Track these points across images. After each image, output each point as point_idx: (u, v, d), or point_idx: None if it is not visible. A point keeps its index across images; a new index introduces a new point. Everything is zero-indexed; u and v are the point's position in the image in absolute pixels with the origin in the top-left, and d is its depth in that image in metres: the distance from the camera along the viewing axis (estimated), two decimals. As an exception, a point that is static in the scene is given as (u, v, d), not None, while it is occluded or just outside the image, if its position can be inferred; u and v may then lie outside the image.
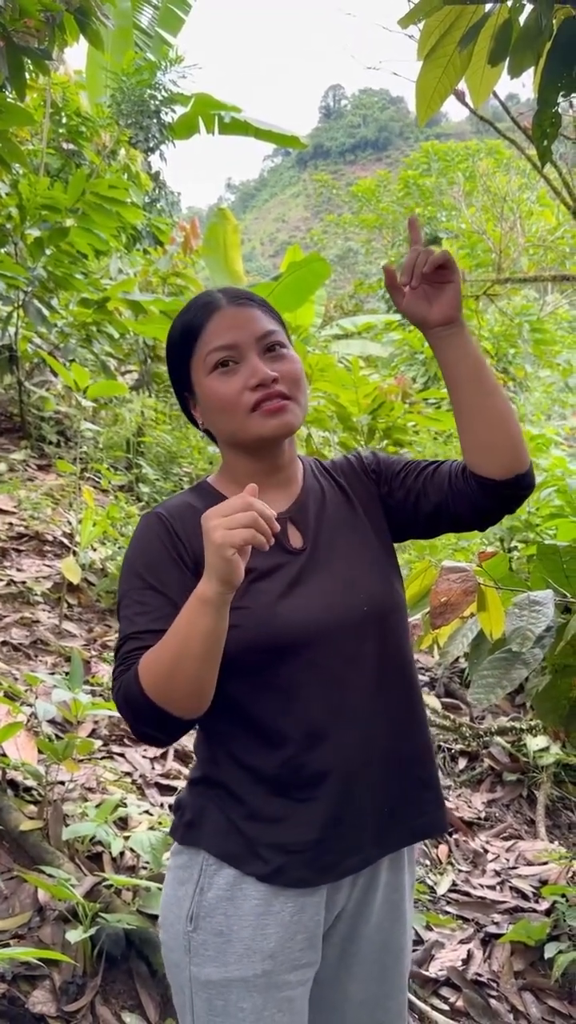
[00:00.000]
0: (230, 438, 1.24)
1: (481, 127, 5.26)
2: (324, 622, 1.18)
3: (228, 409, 1.20)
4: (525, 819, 3.25)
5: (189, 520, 1.19)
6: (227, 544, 0.97)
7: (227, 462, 1.29)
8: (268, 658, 1.15)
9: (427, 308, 1.22)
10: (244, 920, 1.14)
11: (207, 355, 1.21)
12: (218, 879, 1.16)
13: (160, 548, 1.18)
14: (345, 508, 1.31)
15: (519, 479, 1.22)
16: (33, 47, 4.05)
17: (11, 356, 5.56)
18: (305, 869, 1.15)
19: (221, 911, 1.15)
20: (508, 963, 2.39)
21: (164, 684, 1.04)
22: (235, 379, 1.19)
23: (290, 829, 1.15)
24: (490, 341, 9.78)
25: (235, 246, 7.76)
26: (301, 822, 1.15)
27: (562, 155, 5.49)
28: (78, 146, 8.45)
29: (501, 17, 1.81)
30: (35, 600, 3.73)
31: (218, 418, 1.23)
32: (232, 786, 1.17)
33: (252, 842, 1.15)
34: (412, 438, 6.57)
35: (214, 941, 1.14)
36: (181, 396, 1.31)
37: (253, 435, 1.20)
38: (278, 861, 1.14)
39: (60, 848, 2.28)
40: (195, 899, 1.17)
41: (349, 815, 1.17)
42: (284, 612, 1.16)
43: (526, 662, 1.57)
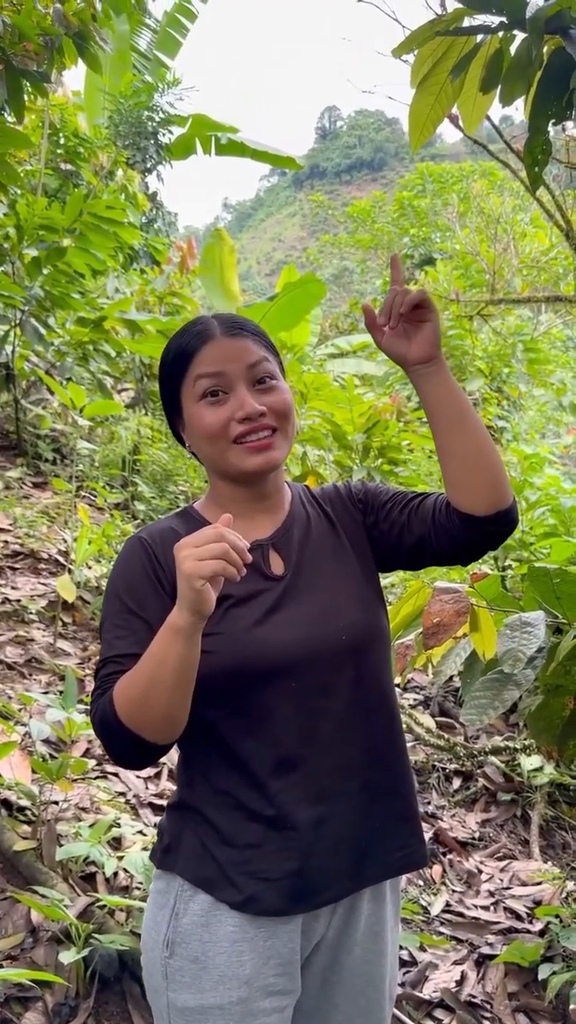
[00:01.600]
0: (213, 466, 1.26)
1: (475, 148, 5.32)
2: (300, 649, 1.17)
3: (213, 438, 1.21)
4: (519, 839, 3.24)
5: (170, 545, 1.15)
6: (196, 575, 0.98)
7: (213, 487, 1.30)
8: (242, 684, 1.15)
9: (406, 346, 1.22)
10: (219, 947, 1.14)
11: (196, 381, 1.22)
12: (193, 905, 1.16)
13: (141, 572, 1.19)
14: (330, 536, 1.31)
15: (501, 515, 1.21)
16: (32, 70, 4.10)
17: (8, 374, 5.58)
18: (278, 898, 1.14)
19: (196, 937, 1.14)
20: (502, 984, 2.38)
21: (137, 710, 1.05)
22: (222, 409, 1.20)
23: (264, 857, 1.14)
24: (484, 360, 9.84)
25: (231, 266, 7.82)
26: (274, 850, 1.14)
27: (555, 177, 5.55)
28: (76, 167, 8.52)
29: (492, 47, 1.84)
30: (30, 618, 3.73)
31: (203, 445, 1.24)
32: (207, 811, 1.17)
33: (225, 868, 1.14)
34: (406, 456, 6.60)
35: (190, 967, 1.14)
36: (171, 417, 1.31)
37: (235, 468, 1.22)
38: (251, 889, 1.13)
39: (53, 868, 2.27)
40: (171, 925, 1.16)
41: (323, 845, 1.16)
42: (259, 639, 1.16)
43: (518, 683, 1.58)
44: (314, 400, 6.02)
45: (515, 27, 1.78)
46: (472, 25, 1.83)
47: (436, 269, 10.30)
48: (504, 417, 9.91)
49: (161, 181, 11.27)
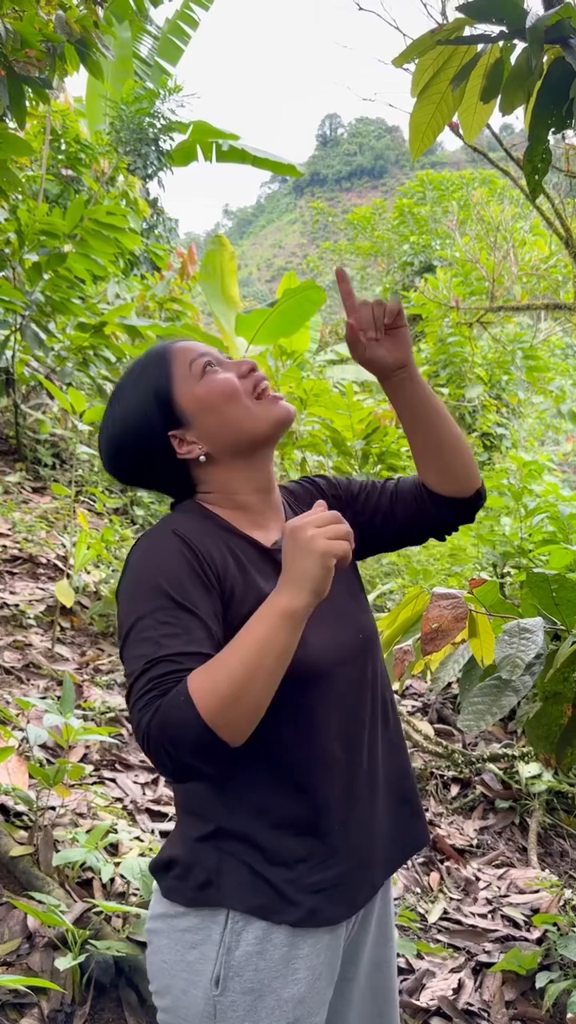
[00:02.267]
0: (239, 434, 1.21)
1: (476, 156, 5.35)
2: (335, 651, 1.19)
3: (235, 396, 1.20)
4: (517, 847, 3.23)
5: (207, 539, 1.15)
6: (331, 553, 0.98)
7: (222, 481, 1.24)
8: (291, 689, 1.10)
9: (384, 354, 1.26)
10: (275, 971, 1.10)
11: (191, 364, 1.22)
12: (246, 935, 1.10)
13: (186, 567, 1.09)
14: None
15: (480, 492, 1.35)
16: (34, 76, 4.12)
17: (8, 379, 5.59)
18: (335, 906, 1.13)
19: (251, 967, 1.10)
20: (499, 993, 2.38)
21: (227, 706, 0.95)
22: (226, 372, 1.23)
23: (314, 869, 1.12)
24: (484, 368, 9.85)
25: (231, 272, 7.83)
26: (321, 860, 1.13)
27: (554, 185, 5.58)
28: (77, 173, 8.55)
29: (493, 56, 1.85)
30: (28, 623, 3.73)
31: (226, 411, 1.20)
32: (251, 833, 1.12)
33: (281, 889, 1.11)
34: (406, 463, 6.61)
35: (243, 1000, 1.09)
36: (164, 447, 1.22)
37: (265, 421, 1.21)
38: (310, 903, 1.11)
39: (50, 874, 2.26)
40: (220, 960, 1.10)
41: (365, 843, 1.18)
42: (310, 640, 1.11)
43: (516, 689, 1.57)
44: (313, 406, 6.03)
45: (515, 36, 1.79)
46: (473, 34, 1.84)
47: (436, 276, 10.33)
48: (503, 424, 9.92)
49: (162, 187, 11.32)
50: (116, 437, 1.24)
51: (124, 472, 1.28)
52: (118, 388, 1.26)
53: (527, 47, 1.74)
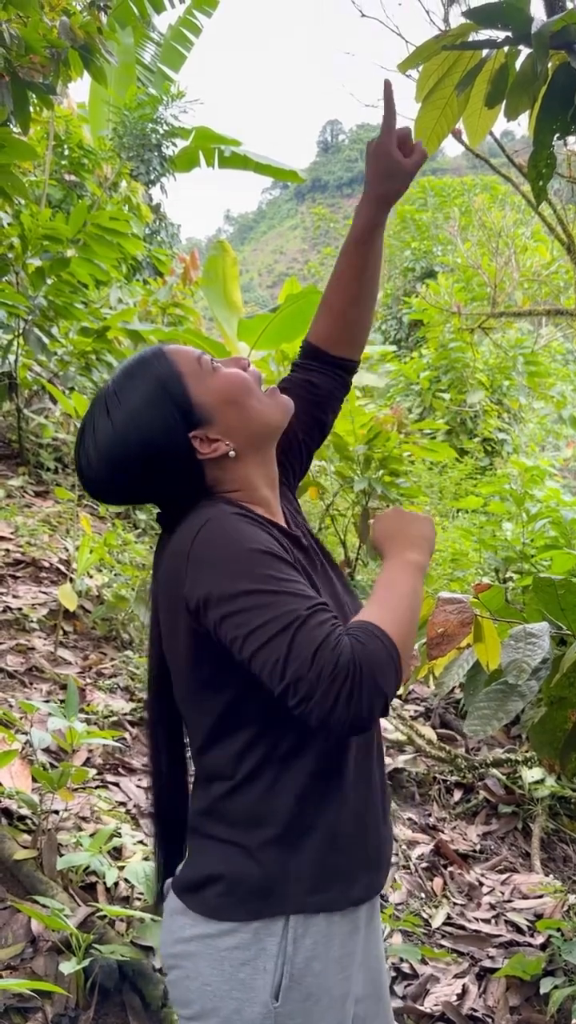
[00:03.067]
0: (260, 426, 1.21)
1: (477, 163, 5.36)
2: None
3: (251, 387, 1.21)
4: (520, 852, 3.23)
5: (260, 520, 1.16)
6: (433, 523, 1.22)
7: (237, 477, 1.21)
8: None
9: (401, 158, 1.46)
10: (330, 972, 1.11)
11: (199, 361, 1.19)
12: (306, 940, 1.09)
13: (266, 535, 1.11)
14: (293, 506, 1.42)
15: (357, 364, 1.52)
16: (38, 82, 4.14)
17: (11, 383, 5.59)
18: (378, 873, 1.21)
19: (311, 972, 1.09)
20: (503, 998, 2.37)
21: (408, 646, 1.04)
22: (230, 367, 1.23)
23: (364, 841, 1.18)
24: (485, 373, 9.86)
25: (234, 277, 7.84)
26: (368, 831, 1.18)
27: (556, 191, 5.58)
28: (80, 178, 8.57)
29: (498, 62, 1.86)
30: (31, 627, 3.73)
31: (246, 401, 1.19)
32: (313, 828, 1.11)
33: (345, 872, 1.14)
34: (408, 468, 6.61)
35: (301, 1007, 1.08)
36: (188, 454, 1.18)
37: (279, 410, 1.24)
38: (366, 878, 1.17)
39: (54, 878, 2.26)
40: (281, 971, 1.07)
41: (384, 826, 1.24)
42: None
43: (522, 694, 1.57)
44: (316, 411, 6.02)
45: (520, 42, 1.80)
46: (478, 40, 1.85)
47: (437, 282, 10.34)
48: (504, 429, 9.93)
49: (164, 193, 11.32)
50: (122, 448, 1.15)
51: (123, 487, 1.20)
52: (113, 394, 1.17)
53: (532, 53, 1.75)
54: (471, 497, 6.10)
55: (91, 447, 1.17)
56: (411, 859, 2.98)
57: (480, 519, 5.75)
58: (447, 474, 7.87)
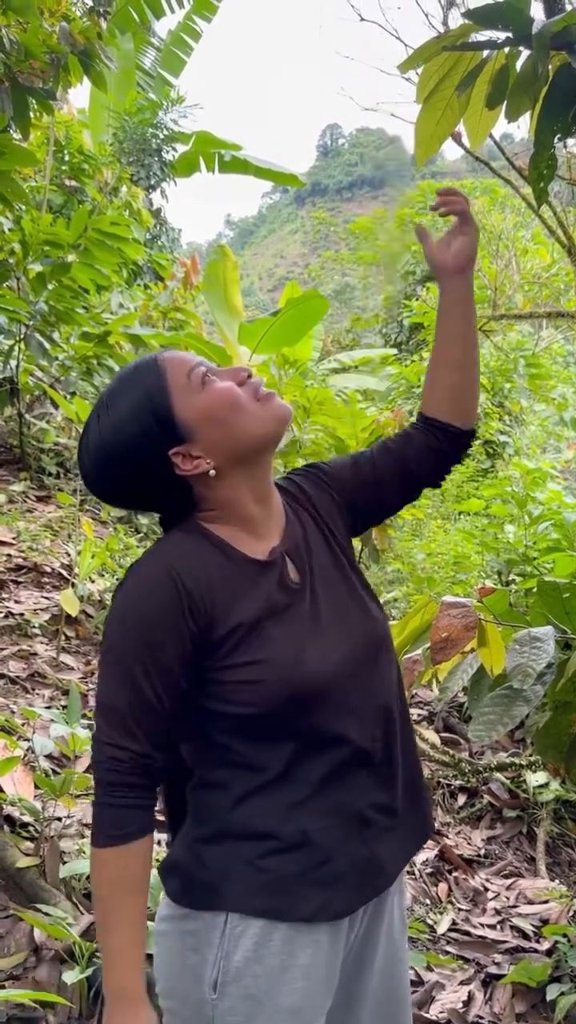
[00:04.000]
0: (246, 442, 1.18)
1: (476, 166, 5.36)
2: (343, 661, 1.17)
3: (238, 402, 1.17)
4: (525, 856, 3.21)
5: (199, 570, 1.13)
6: None
7: (222, 496, 1.20)
8: (289, 710, 1.12)
9: (447, 254, 1.36)
10: (272, 979, 1.09)
11: (190, 375, 1.16)
12: (244, 940, 1.10)
13: (171, 620, 1.10)
14: (323, 535, 1.31)
15: (473, 431, 1.42)
16: (38, 87, 4.14)
17: (12, 388, 5.59)
18: (340, 896, 1.14)
19: (249, 973, 1.09)
20: (510, 1005, 2.35)
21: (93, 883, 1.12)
22: (225, 380, 1.19)
23: (326, 860, 1.13)
24: (486, 375, 9.85)
25: (234, 282, 7.84)
26: (341, 847, 1.14)
27: (556, 193, 5.58)
28: (80, 183, 8.58)
29: (499, 63, 1.85)
30: (33, 632, 3.72)
31: (230, 419, 1.16)
32: (261, 833, 1.12)
33: (290, 886, 1.11)
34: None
35: (242, 1006, 1.09)
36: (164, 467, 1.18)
37: (271, 419, 1.18)
38: (321, 897, 1.12)
39: (57, 886, 2.25)
40: (219, 965, 1.09)
41: (383, 831, 1.19)
42: (306, 659, 1.13)
43: (527, 699, 1.56)
44: (317, 414, 6.02)
45: (521, 43, 1.79)
46: (478, 41, 1.84)
47: (438, 285, 10.33)
48: (506, 432, 9.91)
49: (165, 198, 11.33)
50: (105, 455, 1.17)
51: (114, 493, 1.23)
52: (106, 400, 1.18)
53: (533, 53, 1.74)
54: (473, 500, 6.09)
55: (85, 449, 1.20)
56: (415, 864, 2.97)
57: (482, 522, 5.74)
58: (448, 476, 7.85)
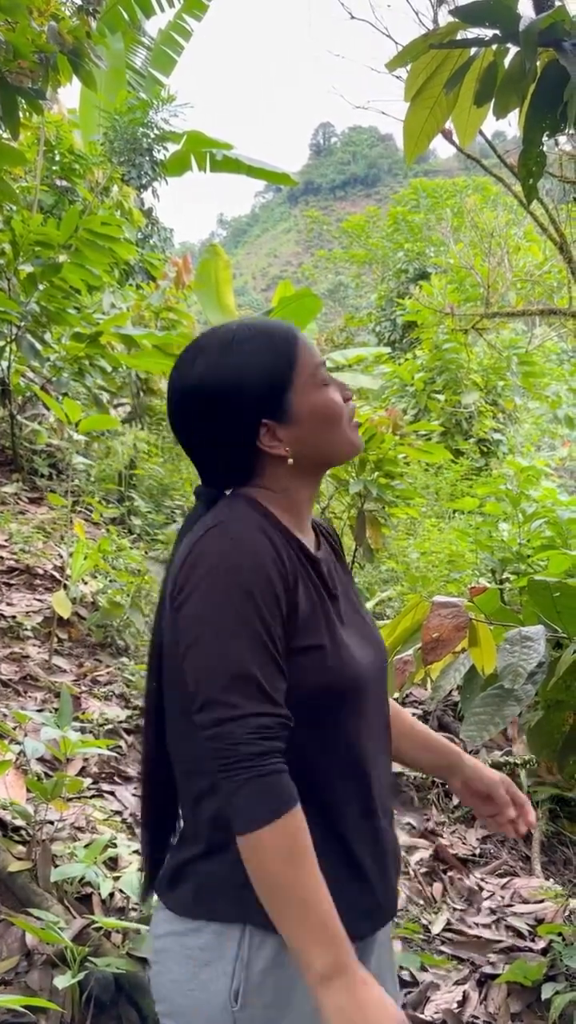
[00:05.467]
0: (329, 454, 1.23)
1: (469, 164, 5.36)
2: (372, 668, 1.20)
3: (338, 419, 1.20)
4: (520, 855, 3.21)
5: (284, 547, 1.12)
6: None
7: (287, 483, 1.20)
8: (336, 702, 1.13)
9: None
10: (296, 984, 1.05)
11: (313, 371, 1.19)
12: (264, 949, 1.07)
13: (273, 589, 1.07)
14: (335, 557, 1.33)
15: None
16: (27, 87, 4.12)
17: (3, 390, 5.57)
18: (359, 920, 1.11)
19: (272, 981, 1.07)
20: (505, 1004, 2.35)
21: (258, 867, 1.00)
22: (336, 392, 1.21)
23: (345, 880, 1.10)
24: (479, 374, 9.86)
25: (227, 281, 7.84)
26: (353, 870, 1.13)
27: (548, 191, 5.57)
28: (71, 183, 8.56)
29: (486, 60, 1.84)
30: (25, 635, 3.70)
31: (324, 430, 1.20)
32: None
33: None
34: (403, 470, 6.59)
35: (264, 1014, 1.07)
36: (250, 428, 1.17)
37: (350, 446, 1.23)
38: (347, 917, 1.07)
39: (49, 890, 2.23)
40: (239, 975, 1.06)
41: (380, 858, 1.18)
42: (350, 655, 1.15)
43: (518, 698, 1.56)
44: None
45: (509, 40, 1.78)
46: (466, 38, 1.84)
47: (431, 283, 10.34)
48: (500, 430, 9.92)
49: (156, 197, 11.32)
50: (205, 390, 1.16)
51: (190, 430, 1.20)
52: (229, 340, 1.17)
53: (520, 50, 1.73)
54: (467, 498, 6.09)
55: (185, 375, 1.18)
56: (410, 864, 2.96)
57: (476, 520, 5.74)
58: (443, 475, 7.86)
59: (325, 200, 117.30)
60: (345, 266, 25.08)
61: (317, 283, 27.64)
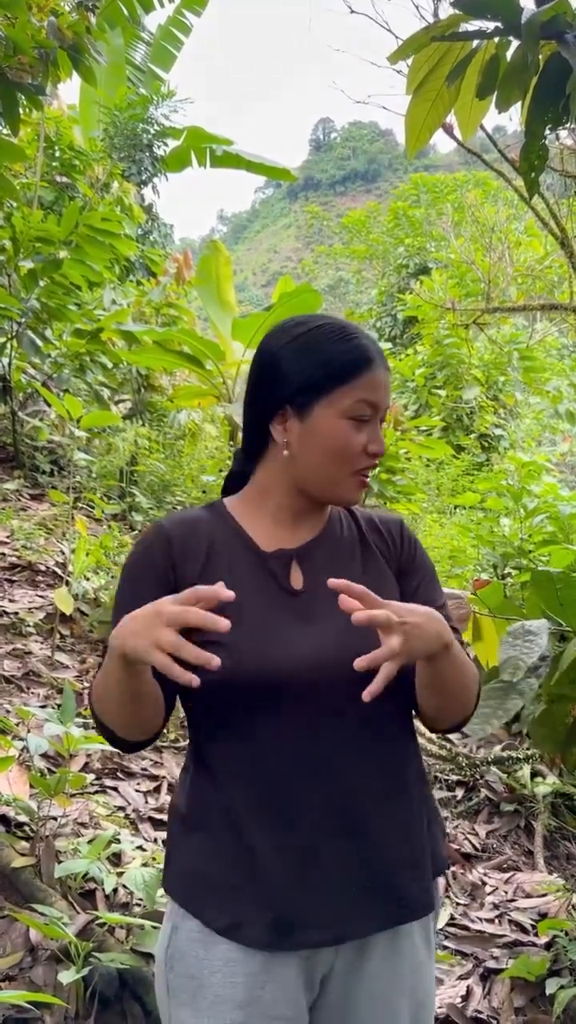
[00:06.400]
0: (314, 479, 1.19)
1: (469, 159, 5.34)
2: (309, 671, 1.10)
3: (343, 460, 1.17)
4: (523, 850, 3.21)
5: (191, 538, 1.20)
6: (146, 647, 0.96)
7: (264, 487, 1.23)
8: (239, 700, 1.10)
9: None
10: (214, 965, 1.10)
11: (356, 402, 1.16)
12: (189, 920, 1.13)
13: (149, 564, 1.19)
14: (363, 561, 1.25)
15: (461, 724, 1.23)
16: (27, 83, 4.11)
17: (4, 386, 5.57)
18: (262, 930, 1.08)
19: (192, 954, 1.11)
20: (508, 999, 2.35)
21: (101, 707, 1.11)
22: (361, 436, 1.17)
23: (249, 883, 1.09)
24: (480, 369, 9.85)
25: (227, 277, 7.81)
26: (262, 877, 1.09)
27: (549, 186, 5.56)
28: (71, 179, 8.54)
29: (488, 53, 1.84)
30: (27, 631, 3.71)
31: (323, 459, 1.17)
32: (205, 822, 1.14)
33: (212, 893, 1.11)
34: (404, 465, 6.59)
35: (187, 984, 1.11)
36: (279, 404, 1.19)
37: (338, 495, 1.20)
38: (234, 917, 1.09)
39: (52, 885, 2.24)
40: (171, 939, 1.15)
41: (312, 883, 1.10)
42: (267, 653, 1.10)
43: (521, 692, 1.55)
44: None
45: (511, 32, 1.77)
46: (468, 30, 1.83)
47: (431, 278, 10.32)
48: (501, 425, 9.92)
49: (156, 193, 11.30)
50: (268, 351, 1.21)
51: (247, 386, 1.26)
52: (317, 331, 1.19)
53: (523, 43, 1.73)
54: (468, 493, 6.08)
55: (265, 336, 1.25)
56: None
57: (477, 515, 5.74)
58: (444, 471, 7.86)
59: (325, 196, 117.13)
60: (345, 262, 25.05)
61: (317, 279, 27.59)
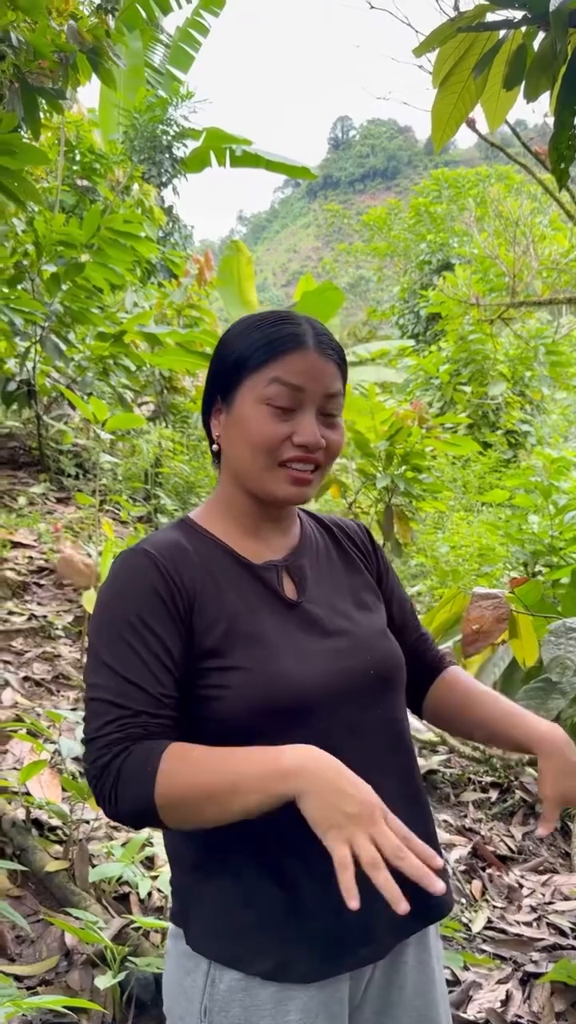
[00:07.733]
0: (241, 475, 1.14)
1: (490, 153, 5.29)
2: (330, 684, 1.08)
3: (261, 451, 1.09)
4: (560, 852, 3.16)
5: (182, 561, 1.09)
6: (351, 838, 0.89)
7: (224, 495, 1.18)
8: (268, 724, 1.03)
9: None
10: (263, 1010, 1.03)
11: (270, 383, 1.08)
12: (227, 972, 1.04)
13: (147, 595, 1.05)
14: (343, 565, 1.24)
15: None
16: (47, 87, 4.12)
17: (29, 390, 5.60)
18: (311, 964, 1.03)
19: (237, 1003, 1.03)
20: (548, 1004, 2.31)
21: (178, 806, 0.95)
22: (284, 425, 1.09)
23: (290, 917, 1.04)
24: (506, 364, 9.76)
25: (249, 277, 7.80)
26: (302, 909, 1.04)
27: (574, 179, 5.49)
28: (92, 182, 8.58)
29: (515, 43, 1.80)
30: (56, 634, 3.71)
31: (242, 450, 1.11)
32: (223, 875, 1.05)
33: (251, 937, 1.04)
34: (430, 463, 6.53)
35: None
36: (212, 396, 1.16)
37: (266, 489, 1.12)
38: (280, 956, 1.03)
39: (86, 889, 2.23)
40: (207, 992, 1.05)
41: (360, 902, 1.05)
42: (287, 672, 1.05)
43: (563, 691, 1.52)
44: (336, 408, 5.97)
45: (538, 21, 1.74)
46: (494, 20, 1.80)
47: (455, 274, 10.25)
48: (527, 421, 9.83)
49: (177, 195, 11.33)
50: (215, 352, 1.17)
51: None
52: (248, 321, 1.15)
53: (551, 32, 1.69)
54: (496, 490, 6.03)
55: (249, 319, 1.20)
56: (448, 862, 2.93)
57: (506, 512, 5.68)
58: (470, 468, 7.80)
59: (344, 194, 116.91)
60: (366, 260, 24.98)
61: (337, 277, 27.54)
